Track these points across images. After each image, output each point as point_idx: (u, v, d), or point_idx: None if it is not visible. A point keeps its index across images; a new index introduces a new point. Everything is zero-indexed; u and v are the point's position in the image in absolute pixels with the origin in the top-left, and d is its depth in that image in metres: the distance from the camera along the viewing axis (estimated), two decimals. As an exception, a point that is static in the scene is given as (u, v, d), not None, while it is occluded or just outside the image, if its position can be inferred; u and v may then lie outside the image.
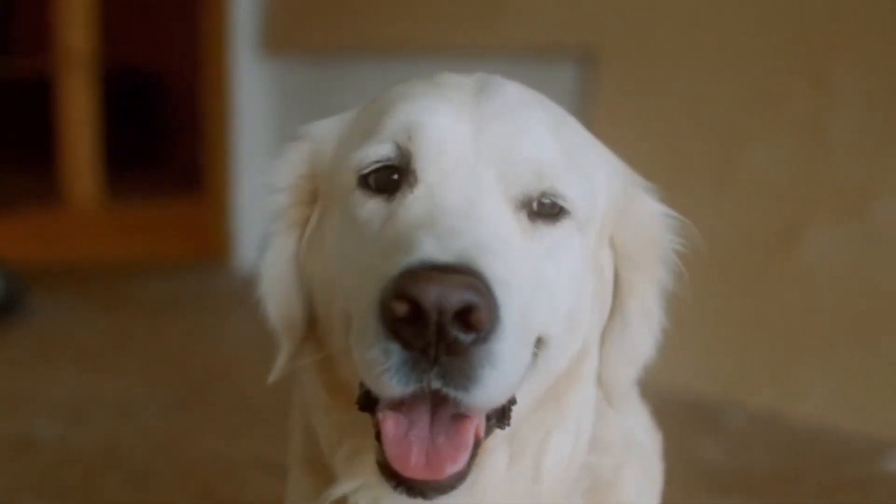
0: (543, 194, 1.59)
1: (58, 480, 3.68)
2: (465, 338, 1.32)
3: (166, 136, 13.32)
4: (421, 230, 1.43)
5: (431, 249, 1.36)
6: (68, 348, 5.53)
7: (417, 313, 1.31)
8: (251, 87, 7.50)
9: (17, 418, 4.33)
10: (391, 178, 1.58)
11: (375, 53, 6.15)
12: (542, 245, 1.57)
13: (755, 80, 4.50)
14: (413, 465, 1.43)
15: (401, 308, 1.31)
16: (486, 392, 1.36)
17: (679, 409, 4.32)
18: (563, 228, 1.61)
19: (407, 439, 1.44)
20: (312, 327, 1.72)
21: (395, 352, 1.34)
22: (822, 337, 4.34)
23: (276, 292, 1.69)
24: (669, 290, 1.77)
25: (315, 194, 1.72)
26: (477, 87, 1.65)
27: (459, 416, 1.45)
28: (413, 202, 1.52)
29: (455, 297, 1.30)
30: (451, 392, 1.35)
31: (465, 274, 1.32)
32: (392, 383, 1.35)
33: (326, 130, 1.75)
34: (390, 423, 1.45)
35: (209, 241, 7.84)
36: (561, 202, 1.60)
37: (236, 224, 7.54)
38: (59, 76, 10.84)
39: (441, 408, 1.44)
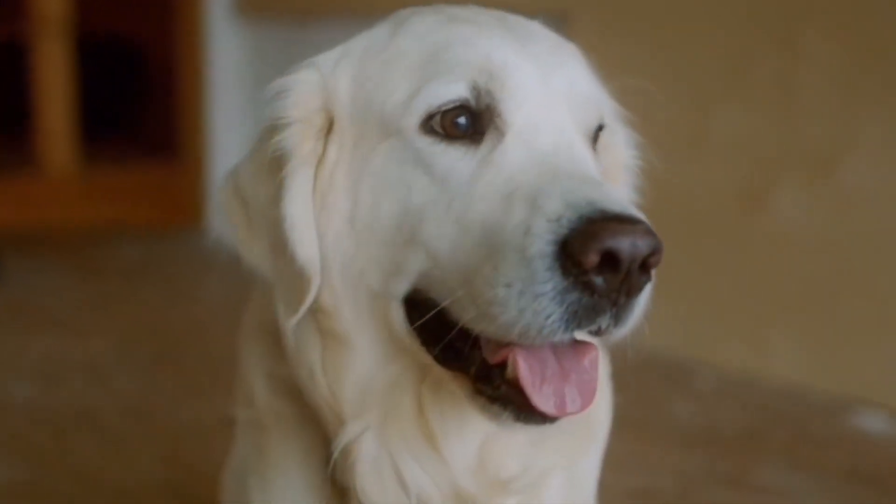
0: (600, 126, 1.67)
1: (28, 442, 3.69)
2: (644, 280, 1.41)
3: (142, 102, 13.24)
4: (553, 178, 1.46)
5: (596, 197, 1.40)
6: (41, 312, 5.54)
7: (607, 261, 1.36)
8: (226, 52, 7.48)
9: (-10, 381, 4.34)
10: (458, 122, 1.56)
11: (348, 14, 6.13)
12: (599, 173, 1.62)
13: (725, 42, 4.51)
14: (566, 403, 1.47)
15: (595, 259, 1.35)
16: (634, 322, 1.46)
17: (652, 369, 4.35)
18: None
19: (548, 379, 1.48)
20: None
21: (576, 300, 1.38)
22: (791, 297, 4.37)
23: (303, 232, 1.60)
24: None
25: (328, 128, 1.65)
26: (507, 25, 1.67)
27: (579, 349, 1.51)
28: (512, 148, 1.53)
29: (646, 244, 1.36)
30: (613, 329, 1.43)
31: (642, 222, 1.38)
32: (562, 329, 1.40)
33: (336, 62, 1.67)
34: (525, 367, 1.47)
35: (183, 207, 7.83)
36: (605, 130, 1.69)
37: (211, 189, 7.53)
38: (34, 42, 10.76)
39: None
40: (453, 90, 1.55)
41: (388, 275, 1.58)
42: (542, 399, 1.46)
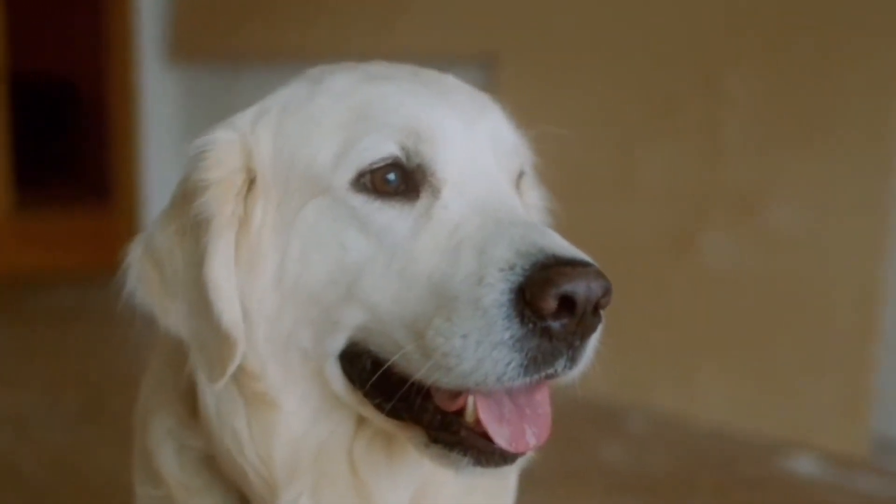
0: (521, 173, 1.71)
1: (-51, 498, 3.62)
2: (597, 321, 1.43)
3: (76, 145, 13.14)
4: (496, 227, 1.48)
5: (544, 243, 1.42)
6: (-32, 363, 5.45)
7: (563, 306, 1.38)
8: (158, 94, 7.45)
9: (-90, 435, 4.26)
10: (387, 178, 1.56)
11: (282, 59, 6.12)
12: None
13: (650, 85, 4.55)
14: (527, 440, 1.48)
15: (553, 305, 1.37)
16: (585, 363, 1.47)
17: (581, 412, 4.34)
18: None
19: (507, 419, 1.49)
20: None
21: (534, 346, 1.40)
22: (720, 339, 4.39)
23: (227, 295, 1.57)
24: None
25: (248, 189, 1.62)
26: (428, 80, 1.68)
27: (530, 386, 1.50)
28: (450, 202, 1.54)
29: (598, 286, 1.39)
30: (567, 371, 1.45)
31: (592, 265, 1.41)
32: (520, 375, 1.41)
33: (254, 121, 1.66)
34: (485, 408, 1.49)
35: (118, 251, 7.72)
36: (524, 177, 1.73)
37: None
38: (-35, 85, 10.66)
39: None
40: (384, 149, 1.56)
41: (321, 332, 1.57)
42: (503, 439, 1.47)
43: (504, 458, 1.49)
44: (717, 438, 4.25)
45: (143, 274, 1.65)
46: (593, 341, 1.47)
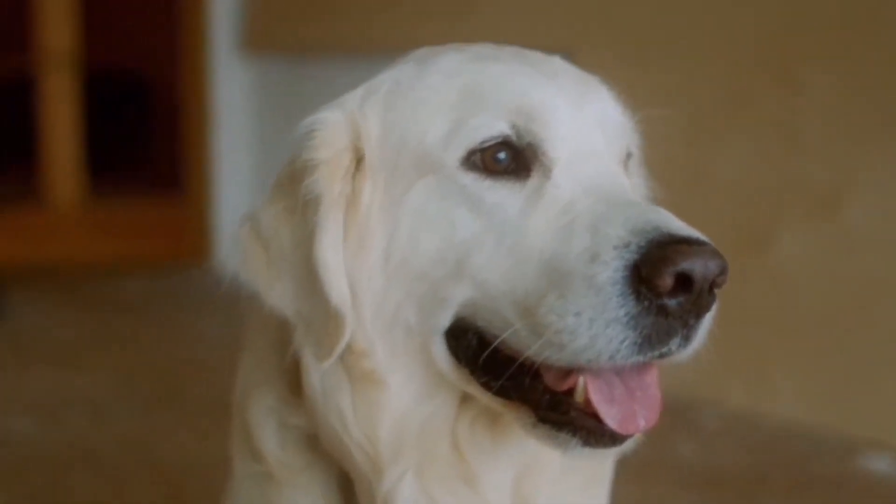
0: (628, 154, 1.71)
1: (29, 479, 3.68)
2: (712, 300, 1.43)
3: (148, 137, 13.28)
4: (609, 206, 1.48)
5: (661, 221, 1.43)
6: (44, 348, 5.53)
7: (680, 284, 1.38)
8: (231, 86, 7.49)
9: (-9, 416, 4.33)
10: (497, 157, 1.56)
11: (353, 52, 6.15)
12: None
13: (726, 80, 4.51)
14: (637, 421, 1.48)
15: (669, 282, 1.38)
16: (699, 342, 1.47)
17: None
18: None
19: (617, 400, 1.49)
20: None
21: (650, 324, 1.40)
22: (795, 335, 4.35)
23: (336, 274, 1.57)
24: None
25: (355, 168, 1.63)
26: (535, 61, 1.68)
27: (641, 368, 1.51)
28: (562, 180, 1.54)
29: (715, 265, 1.39)
30: (680, 351, 1.45)
31: (709, 244, 1.41)
32: (634, 353, 1.41)
33: (362, 101, 1.66)
34: (595, 388, 1.49)
35: (188, 242, 7.83)
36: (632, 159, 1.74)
37: (216, 224, 7.53)
38: (41, 76, 10.82)
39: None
40: (495, 127, 1.56)
41: (427, 309, 1.58)
42: (613, 420, 1.47)
43: (613, 439, 1.49)
44: (791, 436, 4.20)
45: (250, 253, 1.65)
46: (708, 320, 1.46)
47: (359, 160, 1.63)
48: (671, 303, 1.39)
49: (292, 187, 1.63)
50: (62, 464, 3.82)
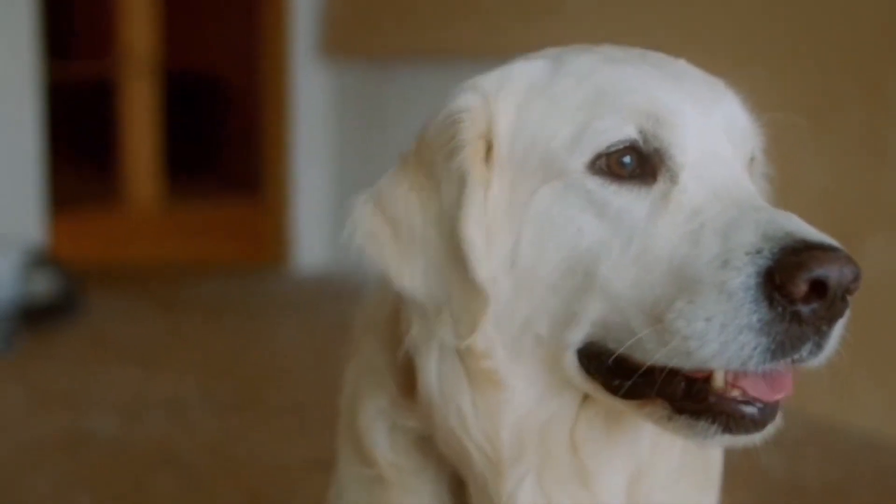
0: (752, 158, 1.72)
1: (111, 478, 3.71)
2: (844, 306, 1.42)
3: (226, 139, 13.39)
4: (740, 211, 1.46)
5: (792, 227, 1.42)
6: (124, 348, 5.59)
7: (814, 290, 1.37)
8: (310, 91, 7.54)
9: (73, 415, 4.38)
10: (623, 161, 1.55)
11: (434, 57, 6.15)
12: None
13: (811, 88, 4.45)
14: (783, 387, 1.50)
15: (804, 289, 1.37)
16: (832, 349, 1.47)
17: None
18: None
19: (750, 377, 1.48)
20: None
21: (782, 330, 1.40)
22: (881, 348, 4.28)
23: (480, 252, 1.56)
24: None
25: (487, 156, 1.62)
26: (662, 64, 1.67)
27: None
28: (690, 185, 1.52)
29: (850, 271, 1.38)
30: (812, 358, 1.45)
31: (842, 250, 1.40)
32: (766, 360, 1.41)
33: (498, 90, 1.65)
34: (730, 374, 1.48)
35: (266, 245, 7.88)
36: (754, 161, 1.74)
37: (294, 228, 7.58)
38: (121, 79, 10.95)
39: None
40: (623, 131, 1.55)
41: (559, 323, 1.57)
42: (759, 390, 1.48)
43: (754, 423, 1.48)
44: (875, 448, 4.14)
45: (374, 231, 1.62)
46: (840, 327, 1.45)
47: (488, 151, 1.62)
48: (805, 309, 1.38)
49: (425, 166, 1.63)
50: (144, 465, 3.85)
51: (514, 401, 1.61)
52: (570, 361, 1.57)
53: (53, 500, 3.55)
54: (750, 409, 1.47)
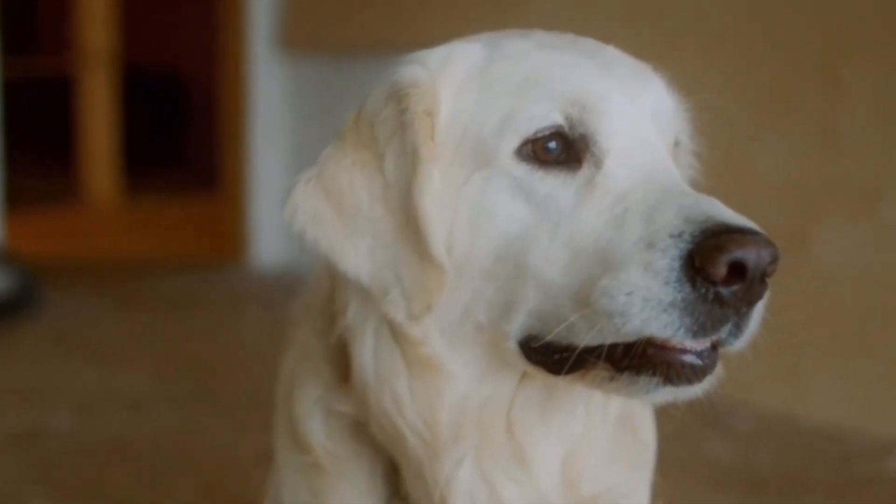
0: (677, 142, 1.72)
1: (67, 473, 3.70)
2: (763, 289, 1.45)
3: (185, 134, 13.35)
4: (663, 194, 1.49)
5: (714, 211, 1.44)
6: (82, 343, 5.56)
7: (734, 272, 1.40)
8: (268, 85, 7.52)
9: (29, 411, 4.37)
10: (548, 146, 1.56)
11: (392, 50, 6.14)
12: None
13: (769, 77, 4.49)
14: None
15: (723, 271, 1.39)
16: (752, 332, 1.49)
17: (689, 407, 4.30)
18: None
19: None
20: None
21: (703, 311, 1.42)
22: (832, 336, 4.32)
23: (435, 226, 1.55)
24: None
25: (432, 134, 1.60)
26: (592, 51, 1.68)
27: None
28: (615, 170, 1.54)
29: (768, 254, 1.42)
30: (731, 340, 1.47)
31: (761, 233, 1.43)
32: (689, 339, 1.44)
33: (443, 68, 1.63)
34: None
35: (225, 239, 7.87)
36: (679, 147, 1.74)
37: (252, 222, 7.57)
38: (80, 74, 10.89)
39: None
40: (550, 118, 1.56)
41: (499, 313, 1.57)
42: (693, 342, 1.47)
43: (695, 372, 1.48)
44: (828, 437, 4.17)
45: (316, 211, 1.60)
46: (759, 310, 1.48)
47: (432, 129, 1.60)
48: (726, 291, 1.41)
49: (367, 141, 1.61)
50: (100, 458, 3.85)
51: (453, 383, 1.61)
52: (512, 350, 1.58)
53: (10, 496, 3.54)
54: (689, 358, 1.48)
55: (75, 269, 7.49)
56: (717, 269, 1.39)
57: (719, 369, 1.53)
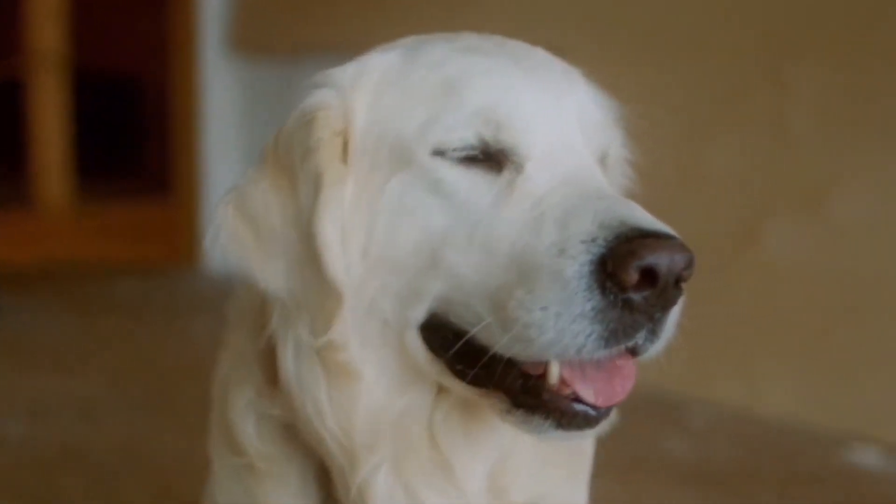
0: (606, 153, 1.71)
1: (19, 480, 3.66)
2: (678, 294, 1.45)
3: (137, 139, 13.27)
4: (581, 200, 1.48)
5: (628, 216, 1.43)
6: (35, 350, 5.52)
7: (645, 278, 1.39)
8: (220, 88, 7.50)
9: (-19, 418, 4.33)
10: (469, 148, 1.57)
11: (344, 52, 6.13)
12: None
13: (715, 77, 4.52)
14: (615, 391, 1.50)
15: (634, 277, 1.39)
16: (667, 337, 1.49)
17: (644, 405, 4.31)
18: None
19: (591, 377, 1.51)
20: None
21: (615, 318, 1.41)
22: (784, 331, 4.36)
23: (335, 252, 1.57)
24: None
25: (345, 151, 1.63)
26: (520, 55, 1.68)
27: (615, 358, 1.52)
28: (535, 175, 1.54)
29: (681, 259, 1.41)
30: (648, 345, 1.47)
31: (675, 238, 1.43)
32: (601, 348, 1.43)
33: (353, 84, 1.66)
34: (568, 367, 1.50)
35: (179, 245, 7.83)
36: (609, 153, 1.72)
37: (205, 227, 7.51)
38: (30, 78, 10.80)
39: None
40: (466, 137, 1.57)
41: (403, 302, 1.59)
42: (590, 394, 1.49)
43: (586, 420, 1.50)
44: (780, 431, 4.21)
45: (237, 232, 1.64)
46: (674, 315, 1.48)
47: (345, 145, 1.63)
48: (636, 297, 1.40)
49: (283, 165, 1.64)
50: (52, 465, 3.81)
51: (367, 392, 1.63)
52: (413, 340, 1.60)
53: (-40, 504, 3.51)
54: (581, 407, 1.49)
55: (28, 274, 7.44)
56: (628, 274, 1.39)
57: (614, 415, 1.55)
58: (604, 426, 1.55)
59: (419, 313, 1.58)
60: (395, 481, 1.64)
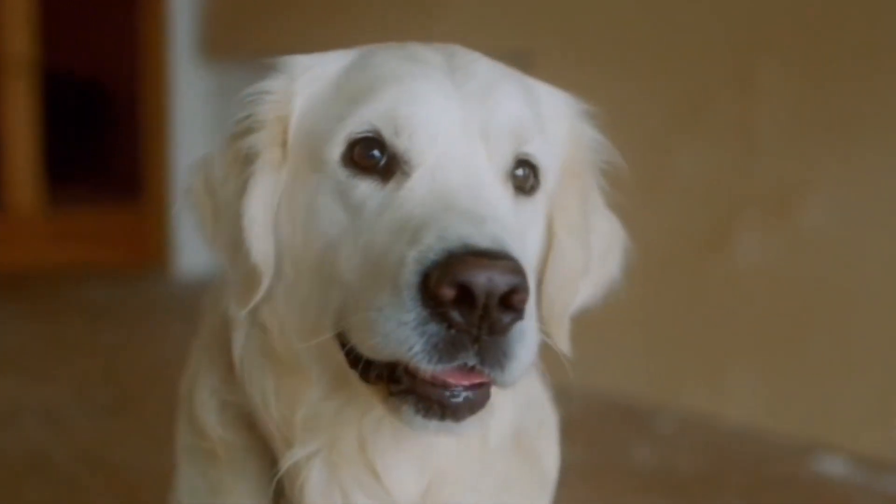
0: (523, 160, 1.67)
1: (-18, 487, 3.65)
2: (506, 318, 1.40)
3: (107, 143, 13.20)
4: (442, 213, 1.49)
5: (467, 233, 1.43)
6: (1, 355, 5.48)
7: (464, 296, 1.38)
8: (189, 92, 7.49)
9: (-54, 425, 4.30)
10: (371, 153, 1.59)
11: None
12: (522, 218, 1.66)
13: (682, 83, 4.54)
14: (470, 378, 1.47)
15: (449, 293, 1.38)
16: (519, 367, 1.45)
17: (609, 411, 4.35)
18: (536, 202, 1.70)
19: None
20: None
21: (435, 332, 1.40)
22: (751, 339, 4.38)
23: (260, 231, 1.63)
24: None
25: (284, 140, 1.68)
26: (451, 63, 1.68)
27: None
28: (416, 185, 1.56)
29: (503, 281, 1.38)
30: (487, 370, 1.44)
31: (506, 258, 1.40)
32: (426, 362, 1.42)
33: (303, 74, 1.70)
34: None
35: (148, 249, 7.80)
36: (534, 164, 1.68)
37: (175, 232, 7.51)
38: (-1, 83, 10.74)
39: None
40: (364, 130, 1.60)
41: (320, 310, 1.61)
42: (443, 374, 1.47)
43: (442, 407, 1.48)
44: (746, 439, 4.23)
45: (198, 199, 1.70)
46: (517, 342, 1.45)
47: (285, 133, 1.68)
48: (454, 314, 1.39)
49: (234, 143, 1.68)
50: (16, 472, 3.79)
51: (311, 389, 1.66)
52: (334, 347, 1.60)
53: (-77, 511, 3.49)
54: (438, 393, 1.48)
55: (-4, 278, 7.41)
56: (441, 289, 1.38)
57: (484, 412, 1.52)
58: (472, 424, 1.52)
59: (330, 325, 1.60)
60: (329, 477, 1.67)
